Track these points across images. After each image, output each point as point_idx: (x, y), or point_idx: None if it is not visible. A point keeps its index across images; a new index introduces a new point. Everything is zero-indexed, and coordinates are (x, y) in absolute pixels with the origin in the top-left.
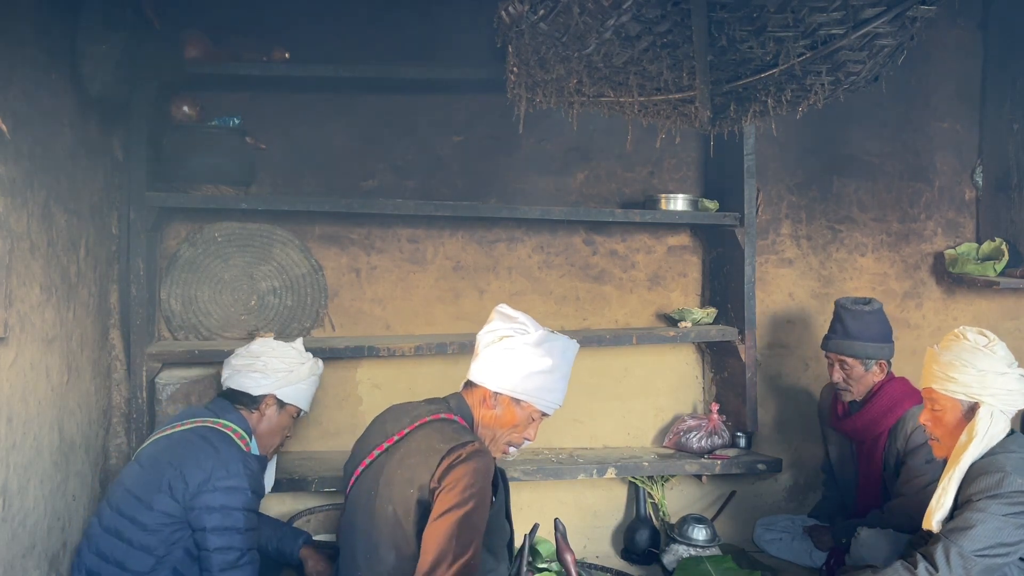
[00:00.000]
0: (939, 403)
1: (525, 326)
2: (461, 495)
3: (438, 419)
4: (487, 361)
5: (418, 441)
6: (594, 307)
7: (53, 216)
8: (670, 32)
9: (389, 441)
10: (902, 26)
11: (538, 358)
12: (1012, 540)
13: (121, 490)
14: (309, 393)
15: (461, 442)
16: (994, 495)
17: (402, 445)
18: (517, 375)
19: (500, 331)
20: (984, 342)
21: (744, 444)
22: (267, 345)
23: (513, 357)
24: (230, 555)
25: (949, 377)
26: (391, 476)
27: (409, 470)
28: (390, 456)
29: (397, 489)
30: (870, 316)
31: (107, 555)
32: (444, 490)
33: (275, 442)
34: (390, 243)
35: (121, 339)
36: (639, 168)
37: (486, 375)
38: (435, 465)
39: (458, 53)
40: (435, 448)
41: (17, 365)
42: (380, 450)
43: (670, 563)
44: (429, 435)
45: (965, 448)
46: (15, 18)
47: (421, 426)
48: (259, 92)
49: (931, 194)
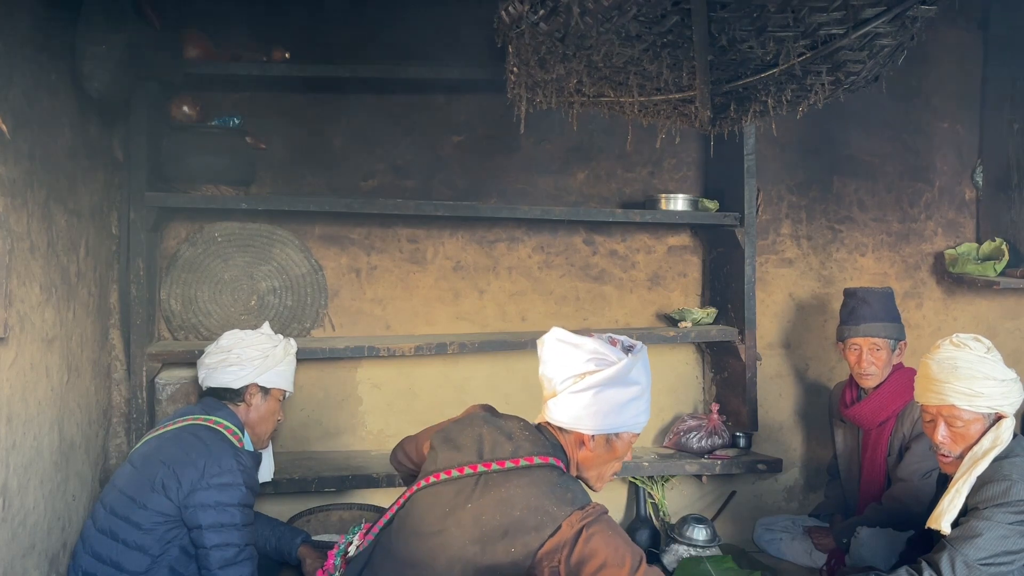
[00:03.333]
0: (961, 419)
1: (605, 356)
2: (617, 556)
3: (547, 464)
4: (577, 405)
5: (526, 489)
6: (594, 307)
7: (53, 216)
8: (670, 32)
9: (486, 466)
10: (902, 26)
11: (628, 388)
12: (1017, 548)
13: (115, 491)
14: (289, 374)
15: (581, 505)
16: (1001, 504)
17: (503, 482)
18: (613, 414)
19: (577, 368)
20: (985, 348)
21: (744, 444)
22: (235, 337)
23: (606, 398)
24: (228, 551)
25: (975, 392)
26: (482, 514)
27: (509, 520)
28: (485, 487)
29: (486, 531)
30: (889, 298)
31: (103, 556)
32: (586, 563)
33: (268, 429)
34: (390, 243)
35: (121, 339)
36: (639, 168)
37: (580, 420)
38: (549, 533)
39: (458, 53)
40: (547, 510)
41: (17, 365)
42: (473, 469)
43: (670, 563)
44: (539, 485)
45: (986, 455)
46: (15, 18)
47: (528, 468)
48: (259, 92)
49: (931, 194)
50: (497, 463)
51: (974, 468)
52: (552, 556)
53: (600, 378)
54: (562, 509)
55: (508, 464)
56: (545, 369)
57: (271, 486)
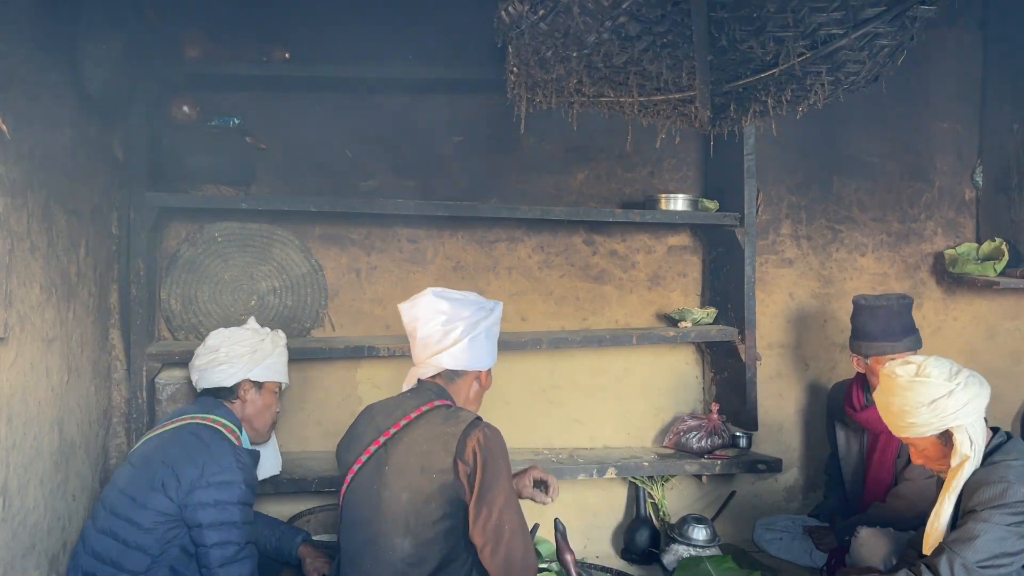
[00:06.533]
0: (918, 445)
1: (483, 303)
2: (503, 464)
3: (433, 407)
4: (477, 347)
5: (423, 429)
6: (594, 307)
7: (53, 216)
8: (670, 32)
9: (385, 435)
10: (902, 26)
11: (498, 327)
12: (1015, 550)
13: (114, 491)
14: (281, 365)
15: (470, 422)
16: (998, 505)
17: (403, 436)
18: (494, 350)
19: (473, 316)
20: (912, 372)
21: (744, 444)
22: (222, 335)
23: (492, 335)
24: (228, 550)
25: (909, 424)
26: (400, 466)
27: (422, 457)
28: (391, 448)
29: (410, 478)
30: (905, 309)
31: (103, 556)
32: (486, 465)
33: (267, 422)
34: (390, 243)
35: (121, 339)
36: (639, 168)
37: (480, 359)
38: (454, 448)
39: (458, 53)
40: (448, 432)
41: (17, 365)
42: (376, 445)
43: (670, 563)
44: (432, 423)
45: (960, 469)
46: (15, 18)
47: (419, 416)
48: (259, 92)
49: (931, 194)
50: (393, 427)
51: (951, 486)
52: (464, 464)
53: (491, 320)
54: (458, 427)
55: (402, 423)
56: (434, 325)
57: (271, 486)
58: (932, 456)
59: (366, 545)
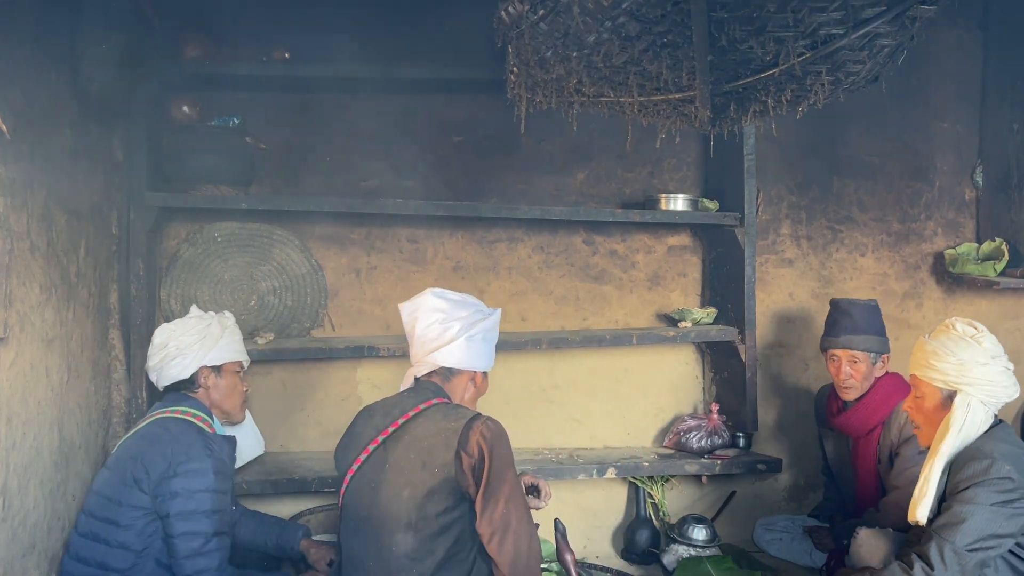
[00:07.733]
0: (920, 389)
1: (480, 307)
2: (509, 456)
3: (432, 405)
4: (473, 348)
5: (423, 426)
6: (594, 307)
7: (53, 216)
8: (670, 32)
9: (384, 433)
10: (902, 26)
11: (495, 332)
12: (1003, 531)
13: (93, 495)
14: (235, 345)
15: (472, 416)
16: (981, 482)
17: (403, 434)
18: (492, 353)
19: (471, 317)
20: (972, 332)
21: (744, 444)
22: (167, 331)
23: (490, 339)
24: (195, 541)
25: (930, 365)
26: (400, 463)
27: (423, 453)
28: (391, 446)
29: (411, 474)
30: (874, 311)
31: (88, 559)
32: (492, 456)
33: (236, 403)
34: (390, 243)
35: (121, 339)
36: (639, 168)
37: (475, 360)
38: (456, 441)
39: (458, 53)
40: (449, 428)
41: (17, 365)
42: (375, 444)
43: (670, 563)
44: (432, 419)
45: (943, 438)
46: (15, 18)
47: (418, 414)
48: (259, 92)
49: (931, 194)
50: (392, 425)
51: (936, 454)
52: (468, 456)
53: (489, 324)
54: (459, 422)
55: (401, 421)
56: (432, 323)
57: (271, 486)
58: (924, 408)
59: (368, 543)
